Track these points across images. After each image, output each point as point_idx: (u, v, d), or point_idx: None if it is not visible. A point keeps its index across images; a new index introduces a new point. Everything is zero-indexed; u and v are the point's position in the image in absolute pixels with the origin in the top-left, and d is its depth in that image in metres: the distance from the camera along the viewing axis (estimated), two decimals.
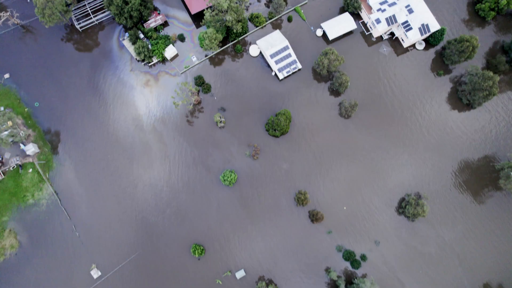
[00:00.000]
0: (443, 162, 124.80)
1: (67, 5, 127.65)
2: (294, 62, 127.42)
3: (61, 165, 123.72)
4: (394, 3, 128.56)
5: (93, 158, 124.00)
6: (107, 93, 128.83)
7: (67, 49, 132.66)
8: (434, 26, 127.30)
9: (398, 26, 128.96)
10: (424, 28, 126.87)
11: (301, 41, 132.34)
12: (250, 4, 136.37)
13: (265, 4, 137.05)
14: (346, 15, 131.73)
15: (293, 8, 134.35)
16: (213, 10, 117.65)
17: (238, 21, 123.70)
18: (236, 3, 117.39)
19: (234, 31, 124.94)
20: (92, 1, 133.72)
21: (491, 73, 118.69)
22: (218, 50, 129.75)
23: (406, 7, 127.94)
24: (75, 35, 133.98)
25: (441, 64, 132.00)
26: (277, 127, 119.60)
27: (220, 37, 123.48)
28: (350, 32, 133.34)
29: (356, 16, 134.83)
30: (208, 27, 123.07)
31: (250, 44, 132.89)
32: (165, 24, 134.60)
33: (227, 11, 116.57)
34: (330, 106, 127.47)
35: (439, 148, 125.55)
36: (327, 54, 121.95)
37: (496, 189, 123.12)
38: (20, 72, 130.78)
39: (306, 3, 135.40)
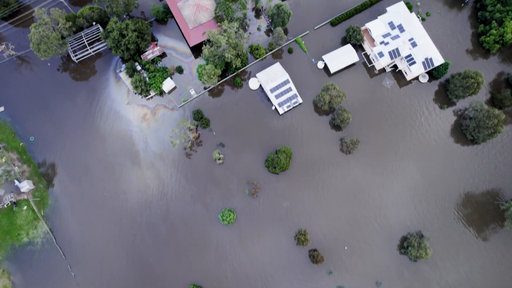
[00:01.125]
0: (446, 198, 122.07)
1: (63, 37, 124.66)
2: (294, 96, 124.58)
3: (57, 202, 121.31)
4: (397, 36, 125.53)
5: (89, 195, 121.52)
6: (104, 127, 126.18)
7: (63, 80, 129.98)
8: (438, 60, 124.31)
9: (401, 59, 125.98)
10: (427, 62, 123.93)
11: (302, 73, 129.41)
12: (250, 33, 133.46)
13: (265, 32, 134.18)
14: (348, 47, 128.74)
15: (293, 39, 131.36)
16: (212, 46, 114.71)
17: (237, 56, 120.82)
18: (236, 38, 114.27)
19: (233, 66, 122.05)
20: (88, 32, 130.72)
21: (496, 111, 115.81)
22: (217, 83, 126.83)
23: (410, 40, 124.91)
24: (71, 66, 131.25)
25: (444, 97, 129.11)
26: (277, 165, 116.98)
27: (219, 72, 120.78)
28: (352, 64, 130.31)
29: (359, 47, 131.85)
30: (207, 62, 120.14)
31: (249, 73, 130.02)
32: (163, 55, 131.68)
33: (226, 48, 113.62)
34: (331, 141, 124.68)
35: (442, 184, 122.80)
36: (328, 90, 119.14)
37: (501, 228, 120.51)
38: (15, 104, 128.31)
39: (307, 33, 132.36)
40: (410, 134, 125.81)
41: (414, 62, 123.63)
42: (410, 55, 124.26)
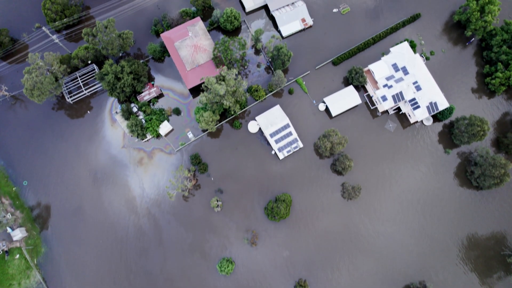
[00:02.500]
0: (450, 247, 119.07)
1: (57, 79, 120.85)
2: (295, 141, 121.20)
3: (50, 250, 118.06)
4: (401, 79, 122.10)
5: (84, 243, 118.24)
6: (99, 171, 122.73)
7: (58, 122, 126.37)
8: (443, 104, 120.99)
9: (405, 102, 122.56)
10: (432, 106, 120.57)
11: (302, 115, 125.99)
12: (249, 71, 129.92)
13: (265, 69, 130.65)
14: (351, 88, 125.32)
15: (294, 80, 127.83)
16: (210, 93, 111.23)
17: (236, 102, 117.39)
18: (234, 85, 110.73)
19: (232, 112, 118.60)
20: (84, 73, 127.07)
21: (503, 160, 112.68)
22: (215, 128, 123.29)
23: (414, 83, 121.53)
24: (66, 107, 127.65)
25: (448, 140, 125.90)
26: (276, 215, 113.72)
27: (217, 117, 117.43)
28: (355, 106, 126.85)
29: (361, 86, 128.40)
30: (204, 109, 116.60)
31: (249, 114, 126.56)
32: (160, 95, 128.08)
33: (224, 95, 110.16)
34: (332, 187, 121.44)
35: (446, 231, 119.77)
36: (329, 136, 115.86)
37: (506, 277, 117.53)
38: (8, 147, 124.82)
39: (308, 73, 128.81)
40: (414, 181, 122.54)
41: (418, 107, 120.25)
42: (414, 99, 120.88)
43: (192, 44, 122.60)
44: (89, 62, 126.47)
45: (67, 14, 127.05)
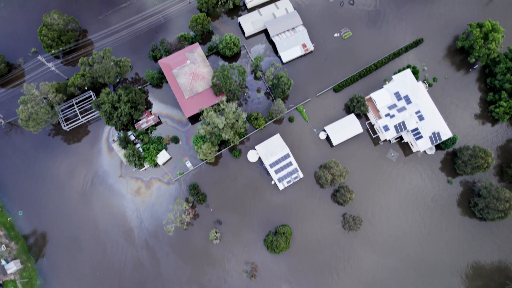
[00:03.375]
0: (451, 279, 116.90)
1: (52, 107, 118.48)
2: (295, 171, 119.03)
3: (46, 283, 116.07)
4: (403, 108, 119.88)
5: (80, 275, 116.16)
6: (96, 201, 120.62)
7: (54, 150, 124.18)
8: (446, 134, 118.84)
9: (407, 132, 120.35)
10: (435, 136, 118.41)
11: (303, 144, 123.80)
12: (249, 97, 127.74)
13: (265, 94, 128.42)
14: (352, 117, 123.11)
15: (294, 107, 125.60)
16: (209, 125, 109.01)
17: (236, 133, 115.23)
18: (234, 118, 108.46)
19: (231, 144, 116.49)
20: (80, 100, 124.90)
21: (507, 193, 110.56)
22: (214, 155, 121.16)
23: (417, 113, 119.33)
24: (62, 134, 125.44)
25: (451, 169, 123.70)
26: (276, 248, 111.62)
27: (216, 148, 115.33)
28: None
29: (363, 114, 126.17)
30: (203, 141, 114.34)
31: (248, 142, 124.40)
32: (158, 122, 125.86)
33: (223, 128, 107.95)
34: (333, 218, 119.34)
35: (448, 264, 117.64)
36: (330, 168, 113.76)
37: None
38: (3, 175, 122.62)
39: (309, 100, 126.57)
40: (417, 212, 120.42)
41: (421, 137, 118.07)
42: (416, 129, 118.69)
43: (190, 72, 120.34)
44: (86, 88, 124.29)
45: (64, 40, 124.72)
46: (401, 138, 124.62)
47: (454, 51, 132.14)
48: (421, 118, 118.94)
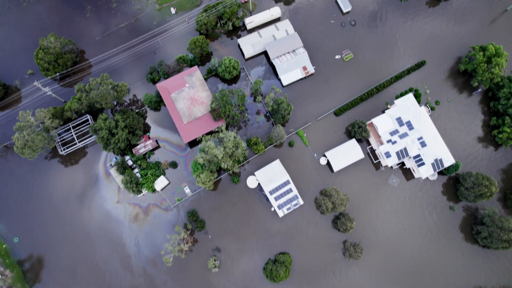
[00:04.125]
0: None
1: (48, 131, 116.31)
2: (295, 197, 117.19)
3: None
4: (405, 134, 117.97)
5: None
6: (93, 228, 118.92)
7: (50, 174, 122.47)
8: (448, 161, 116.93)
9: (409, 158, 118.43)
10: (437, 163, 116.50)
11: (303, 169, 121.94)
12: (248, 120, 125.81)
13: (264, 115, 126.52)
14: (353, 142, 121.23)
15: (295, 132, 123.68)
16: (207, 154, 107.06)
17: (235, 162, 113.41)
18: (233, 147, 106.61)
19: (230, 172, 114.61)
20: (77, 124, 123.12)
21: (511, 222, 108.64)
22: (213, 181, 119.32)
23: (419, 139, 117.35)
24: (59, 158, 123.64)
25: (454, 195, 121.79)
26: (276, 278, 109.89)
27: (214, 175, 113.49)
28: None
29: (364, 139, 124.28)
30: (202, 169, 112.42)
31: (248, 166, 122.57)
32: (156, 147, 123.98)
33: (222, 158, 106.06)
34: (334, 245, 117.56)
35: None
36: (331, 197, 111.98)
37: None
38: None
39: (309, 125, 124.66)
40: (419, 238, 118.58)
41: (423, 163, 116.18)
42: (419, 155, 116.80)
43: (189, 97, 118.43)
44: (83, 112, 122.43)
45: (61, 63, 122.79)
46: (403, 163, 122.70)
47: (457, 73, 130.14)
48: (423, 144, 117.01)
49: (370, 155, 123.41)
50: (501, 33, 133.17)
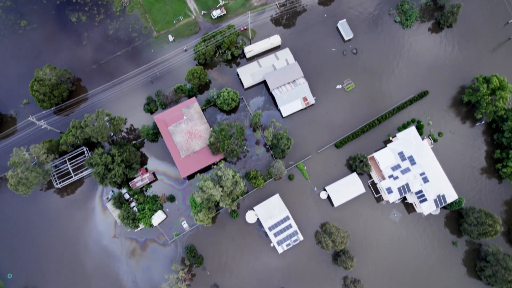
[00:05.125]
0: None
1: (42, 165, 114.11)
2: (295, 233, 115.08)
3: None
4: (407, 170, 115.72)
5: None
6: (89, 263, 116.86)
7: (45, 208, 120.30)
8: (451, 197, 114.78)
9: (411, 193, 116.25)
10: (440, 199, 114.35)
11: (303, 204, 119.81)
12: (248, 151, 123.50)
13: (264, 144, 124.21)
14: (354, 176, 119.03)
15: (295, 165, 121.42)
16: (205, 193, 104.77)
17: (233, 200, 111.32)
18: (231, 186, 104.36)
19: (229, 210, 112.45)
20: (73, 156, 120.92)
21: None
22: (212, 216, 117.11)
23: (421, 174, 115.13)
24: (54, 191, 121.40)
25: (457, 230, 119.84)
26: None
27: (213, 212, 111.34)
28: None
29: (365, 172, 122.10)
30: (200, 207, 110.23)
31: (247, 199, 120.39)
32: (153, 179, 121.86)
33: (220, 198, 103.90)
34: (334, 282, 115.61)
35: None
36: (331, 235, 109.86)
37: None
38: None
39: (310, 157, 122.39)
40: (421, 275, 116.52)
41: (426, 199, 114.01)
42: (421, 191, 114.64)
43: (187, 130, 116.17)
44: (79, 143, 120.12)
45: (56, 94, 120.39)
46: (404, 197, 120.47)
47: (460, 103, 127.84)
48: (425, 180, 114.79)
49: (371, 188, 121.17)
50: (504, 61, 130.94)
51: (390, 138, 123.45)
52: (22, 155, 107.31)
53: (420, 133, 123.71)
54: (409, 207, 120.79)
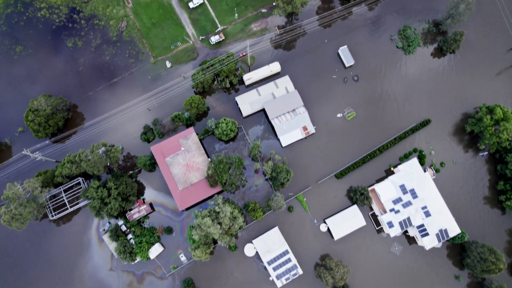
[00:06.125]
0: None
1: (37, 199, 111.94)
2: (294, 267, 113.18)
3: None
4: (409, 203, 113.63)
5: None
6: None
7: (40, 240, 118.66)
8: (454, 231, 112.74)
9: (413, 227, 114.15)
10: (442, 233, 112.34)
11: (302, 237, 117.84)
12: (247, 181, 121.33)
13: (263, 173, 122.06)
14: (354, 209, 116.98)
15: (294, 196, 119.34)
16: (203, 231, 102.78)
17: (232, 236, 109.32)
18: (229, 223, 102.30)
19: (227, 246, 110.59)
20: (69, 187, 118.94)
21: None
22: (209, 251, 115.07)
23: (423, 208, 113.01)
24: (49, 222, 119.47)
25: (459, 263, 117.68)
26: None
27: (210, 248, 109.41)
28: None
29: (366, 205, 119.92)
30: (198, 243, 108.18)
31: (246, 231, 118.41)
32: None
33: (219, 237, 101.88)
34: None
35: None
36: (331, 270, 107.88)
37: None
38: None
39: (309, 189, 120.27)
40: None
41: (427, 234, 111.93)
42: (422, 225, 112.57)
43: (184, 163, 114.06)
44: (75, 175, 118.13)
45: (51, 124, 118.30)
46: (405, 231, 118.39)
47: (463, 131, 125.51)
48: (427, 214, 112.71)
49: (372, 220, 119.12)
50: (507, 88, 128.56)
51: (392, 168, 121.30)
52: (16, 190, 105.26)
53: (422, 163, 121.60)
54: (411, 239, 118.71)
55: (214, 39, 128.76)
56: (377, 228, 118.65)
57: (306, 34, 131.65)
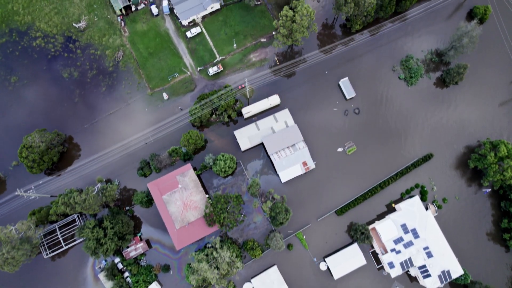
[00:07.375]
0: None
1: (28, 241, 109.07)
2: None
3: None
4: (410, 243, 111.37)
5: None
6: None
7: (34, 278, 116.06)
8: (457, 272, 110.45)
9: (414, 267, 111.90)
10: (444, 275, 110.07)
11: (302, 275, 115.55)
12: (245, 216, 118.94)
13: (261, 206, 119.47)
14: (355, 248, 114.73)
15: (294, 234, 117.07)
16: (200, 275, 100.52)
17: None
18: (228, 268, 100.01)
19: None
20: (64, 225, 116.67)
21: None
22: None
23: (425, 249, 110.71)
24: (43, 262, 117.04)
25: None
26: None
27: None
28: None
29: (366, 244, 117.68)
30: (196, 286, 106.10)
31: (244, 268, 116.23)
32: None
33: (216, 282, 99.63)
34: None
35: None
36: None
37: None
38: None
39: (309, 226, 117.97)
40: None
41: (429, 275, 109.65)
42: (424, 266, 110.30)
43: (182, 201, 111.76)
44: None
45: (46, 160, 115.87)
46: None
47: (465, 166, 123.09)
48: (429, 255, 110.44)
49: (373, 258, 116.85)
50: (511, 121, 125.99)
51: (393, 205, 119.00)
52: (8, 232, 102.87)
53: (424, 199, 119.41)
54: (412, 278, 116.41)
55: (212, 70, 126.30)
56: (377, 266, 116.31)
57: (306, 64, 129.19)
